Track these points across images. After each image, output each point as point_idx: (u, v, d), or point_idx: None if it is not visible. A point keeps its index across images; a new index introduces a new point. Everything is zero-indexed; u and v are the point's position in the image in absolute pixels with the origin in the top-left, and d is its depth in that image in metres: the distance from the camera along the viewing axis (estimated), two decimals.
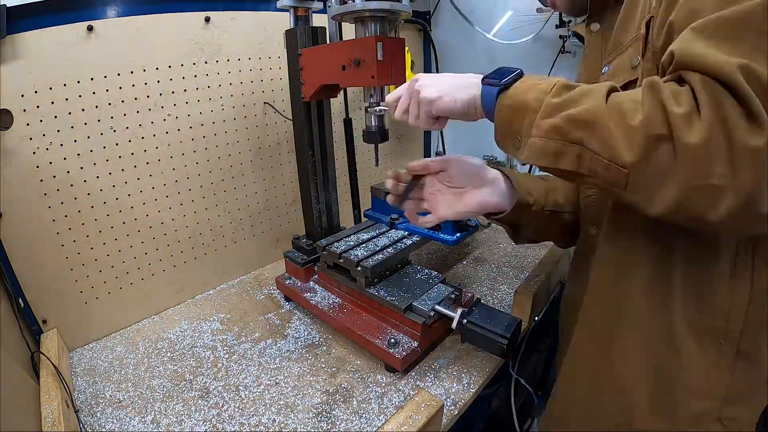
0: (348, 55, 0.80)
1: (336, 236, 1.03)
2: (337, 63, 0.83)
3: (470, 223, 0.98)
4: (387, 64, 0.78)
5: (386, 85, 0.83)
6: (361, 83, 0.82)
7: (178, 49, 0.99)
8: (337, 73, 0.84)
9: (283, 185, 1.29)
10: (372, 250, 0.94)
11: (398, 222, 1.05)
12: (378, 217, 1.11)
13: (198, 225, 1.11)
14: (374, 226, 1.09)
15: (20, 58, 0.78)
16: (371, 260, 0.90)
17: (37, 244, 0.86)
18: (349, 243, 0.98)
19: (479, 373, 0.83)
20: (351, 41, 0.81)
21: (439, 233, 0.96)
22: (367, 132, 0.90)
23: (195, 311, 1.08)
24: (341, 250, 0.94)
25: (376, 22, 0.79)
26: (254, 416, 0.75)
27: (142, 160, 0.98)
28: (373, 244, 0.98)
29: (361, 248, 0.96)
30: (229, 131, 1.12)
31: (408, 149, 1.71)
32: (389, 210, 1.08)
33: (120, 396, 0.81)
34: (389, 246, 0.97)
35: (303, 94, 0.96)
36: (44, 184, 0.85)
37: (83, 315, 0.95)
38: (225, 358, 0.90)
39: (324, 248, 0.98)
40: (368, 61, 0.77)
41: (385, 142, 0.92)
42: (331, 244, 0.98)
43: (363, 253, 0.93)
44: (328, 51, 0.89)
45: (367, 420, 0.74)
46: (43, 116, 0.83)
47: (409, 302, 0.85)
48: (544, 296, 1.04)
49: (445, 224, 0.94)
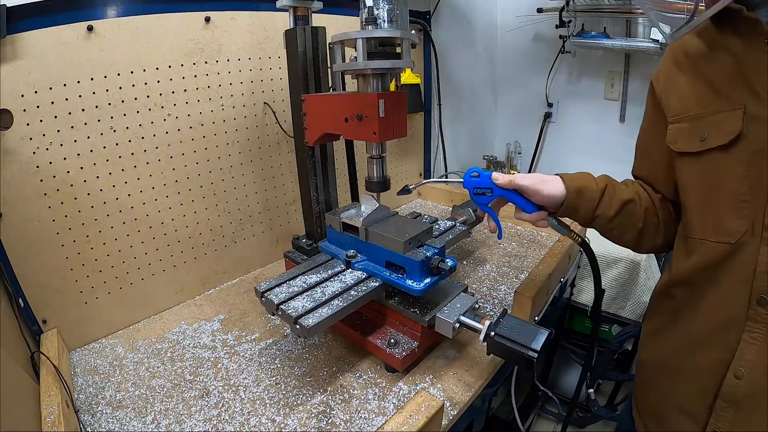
0: (350, 108, 0.81)
1: (281, 278, 0.85)
2: (340, 114, 0.84)
3: (443, 265, 0.81)
4: (389, 120, 0.79)
5: (388, 140, 0.84)
6: (364, 138, 0.83)
7: (178, 49, 0.99)
8: (340, 125, 0.85)
9: (283, 185, 1.29)
10: (317, 301, 0.77)
11: (355, 260, 0.88)
12: (334, 251, 0.93)
13: (198, 225, 1.11)
14: (328, 263, 0.91)
15: (20, 58, 0.78)
16: (312, 317, 0.73)
17: (37, 244, 0.86)
18: (293, 289, 0.81)
19: (479, 373, 0.83)
20: (353, 95, 0.82)
21: (403, 278, 0.81)
22: (369, 182, 0.90)
23: (195, 311, 1.08)
24: (280, 299, 0.78)
25: (378, 78, 0.81)
26: (254, 416, 0.75)
27: (142, 160, 0.98)
28: (320, 291, 0.81)
29: (304, 297, 0.79)
30: (229, 131, 1.12)
31: (408, 149, 1.71)
32: (347, 243, 0.92)
33: (120, 396, 0.81)
34: (340, 294, 0.79)
35: (306, 139, 0.97)
36: (44, 184, 0.85)
37: (83, 315, 0.95)
38: (225, 358, 0.90)
39: (262, 295, 0.81)
40: (370, 117, 0.78)
41: (386, 191, 0.92)
42: (272, 289, 0.81)
43: (305, 304, 0.76)
44: (331, 101, 0.90)
45: (367, 420, 0.74)
46: (43, 116, 0.83)
47: (432, 314, 0.80)
48: (544, 296, 1.04)
49: (411, 267, 0.80)
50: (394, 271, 0.84)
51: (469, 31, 1.96)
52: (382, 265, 0.86)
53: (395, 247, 0.82)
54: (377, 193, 0.91)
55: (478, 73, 2.09)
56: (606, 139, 1.90)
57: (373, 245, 0.86)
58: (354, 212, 0.90)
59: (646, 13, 1.24)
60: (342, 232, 0.91)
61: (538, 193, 0.71)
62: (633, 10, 1.54)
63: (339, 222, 0.91)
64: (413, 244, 0.82)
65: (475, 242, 1.37)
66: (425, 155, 1.80)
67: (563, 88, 1.95)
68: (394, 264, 0.84)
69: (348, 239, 0.91)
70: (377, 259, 0.86)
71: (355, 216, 0.88)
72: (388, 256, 0.84)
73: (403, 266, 0.82)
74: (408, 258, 0.80)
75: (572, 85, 1.92)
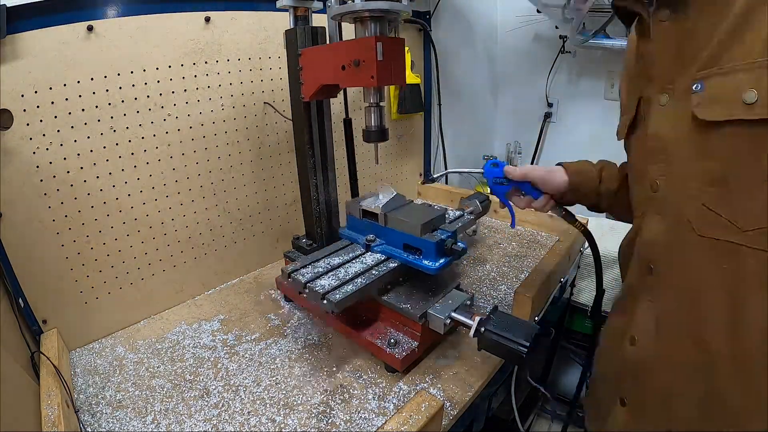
0: (348, 55, 0.80)
1: (305, 260, 0.92)
2: (337, 63, 0.83)
3: (456, 247, 0.87)
4: (387, 64, 0.78)
5: (386, 86, 0.83)
6: (361, 83, 0.82)
7: (178, 49, 0.99)
8: (337, 73, 0.84)
9: (283, 185, 1.29)
10: (342, 279, 0.83)
11: (374, 244, 0.94)
12: (354, 237, 1.00)
13: (198, 225, 1.11)
14: (349, 247, 0.98)
15: (20, 58, 0.78)
16: (339, 292, 0.79)
17: (37, 244, 0.86)
18: (318, 270, 0.87)
19: (479, 373, 0.83)
20: (351, 41, 0.81)
21: (420, 259, 0.87)
22: (367, 131, 0.90)
23: (195, 311, 1.08)
24: (307, 278, 0.83)
25: (376, 22, 0.79)
26: (254, 416, 0.75)
27: (142, 160, 0.98)
28: (344, 271, 0.87)
29: (330, 276, 0.85)
30: (229, 131, 1.12)
31: (408, 149, 1.71)
32: (365, 229, 0.98)
33: (120, 396, 0.81)
34: (362, 273, 0.85)
35: (303, 94, 0.96)
36: (44, 184, 0.85)
37: (83, 315, 0.95)
38: (225, 358, 0.90)
39: (289, 275, 0.86)
40: (368, 61, 0.77)
41: (385, 141, 0.92)
42: (298, 271, 0.87)
43: (331, 282, 0.82)
44: (327, 51, 0.89)
45: (366, 420, 0.74)
46: (43, 116, 0.83)
47: (423, 310, 0.82)
48: (544, 296, 1.04)
49: (427, 248, 0.86)
50: (411, 253, 0.89)
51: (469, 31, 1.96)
52: (399, 248, 0.92)
53: (412, 230, 0.88)
54: (376, 143, 0.91)
55: (478, 73, 2.09)
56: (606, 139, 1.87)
57: (392, 229, 0.93)
58: (372, 200, 0.97)
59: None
60: (362, 219, 0.98)
61: (546, 182, 0.80)
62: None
63: (359, 209, 0.98)
64: (428, 228, 0.89)
65: (475, 242, 1.37)
66: (425, 155, 1.80)
67: (563, 88, 1.95)
68: (411, 246, 0.89)
69: (367, 225, 0.97)
70: (395, 243, 0.93)
71: (374, 204, 0.95)
72: (406, 239, 0.90)
73: (419, 248, 0.87)
74: (424, 240, 0.86)
75: (572, 85, 1.92)
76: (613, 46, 1.60)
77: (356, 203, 0.99)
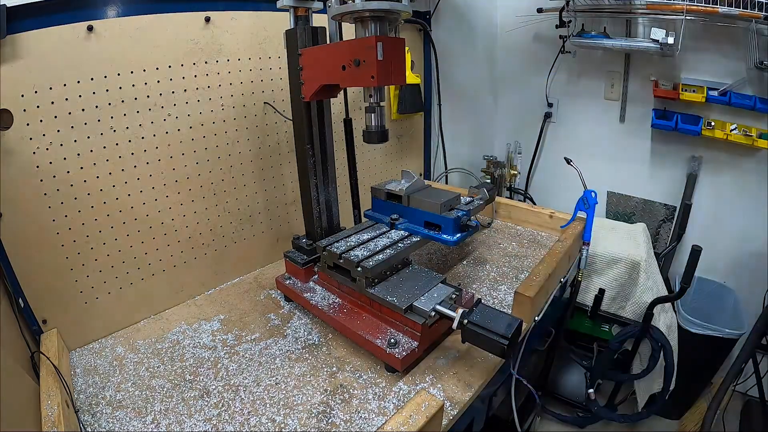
0: (348, 55, 0.80)
1: (336, 236, 1.03)
2: (338, 63, 0.83)
3: (470, 223, 0.98)
4: (387, 64, 0.78)
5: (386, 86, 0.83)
6: (362, 83, 0.82)
7: (178, 49, 0.99)
8: (337, 73, 0.84)
9: (283, 185, 1.29)
10: (372, 251, 0.93)
11: (398, 222, 1.04)
12: (378, 217, 1.10)
13: (198, 225, 1.11)
14: (375, 226, 1.08)
15: (20, 58, 0.78)
16: (371, 261, 0.90)
17: (37, 244, 0.86)
18: (350, 243, 0.98)
19: (479, 373, 0.83)
20: (351, 41, 0.81)
21: (440, 233, 0.96)
22: (367, 132, 0.90)
23: (195, 311, 1.08)
24: (341, 250, 0.94)
25: (376, 22, 0.80)
26: (254, 416, 0.75)
27: (142, 160, 0.98)
28: (373, 244, 0.97)
29: (361, 248, 0.95)
30: (229, 131, 1.12)
31: (408, 149, 1.71)
32: (389, 210, 1.08)
33: (120, 396, 0.81)
34: (389, 246, 0.96)
35: (303, 94, 0.96)
36: (44, 184, 0.85)
37: (83, 315, 0.95)
38: (225, 358, 0.90)
39: (324, 248, 0.97)
40: (368, 61, 0.77)
41: (385, 142, 0.92)
42: (332, 245, 0.97)
43: (363, 253, 0.92)
44: (328, 51, 0.89)
45: (366, 420, 0.74)
46: (43, 116, 0.83)
47: (410, 302, 0.85)
48: (544, 296, 1.04)
49: (446, 224, 0.94)
50: (431, 229, 1.00)
51: (469, 31, 1.96)
52: (420, 225, 1.03)
53: (433, 209, 0.99)
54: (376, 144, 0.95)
55: (478, 72, 2.09)
56: (606, 139, 1.90)
57: (414, 209, 1.04)
58: (396, 184, 1.09)
59: None
60: (386, 201, 1.09)
61: None
62: (633, 10, 1.54)
63: (384, 192, 1.09)
64: (447, 207, 1.00)
65: (475, 242, 1.37)
66: (425, 155, 1.80)
67: (563, 88, 1.95)
68: (431, 223, 1.01)
69: (391, 206, 1.09)
70: (417, 221, 1.04)
71: (398, 187, 1.06)
72: (427, 216, 1.01)
73: (439, 224, 0.99)
74: (444, 217, 0.97)
75: (572, 85, 1.92)
76: (614, 46, 1.60)
77: (382, 187, 1.10)
